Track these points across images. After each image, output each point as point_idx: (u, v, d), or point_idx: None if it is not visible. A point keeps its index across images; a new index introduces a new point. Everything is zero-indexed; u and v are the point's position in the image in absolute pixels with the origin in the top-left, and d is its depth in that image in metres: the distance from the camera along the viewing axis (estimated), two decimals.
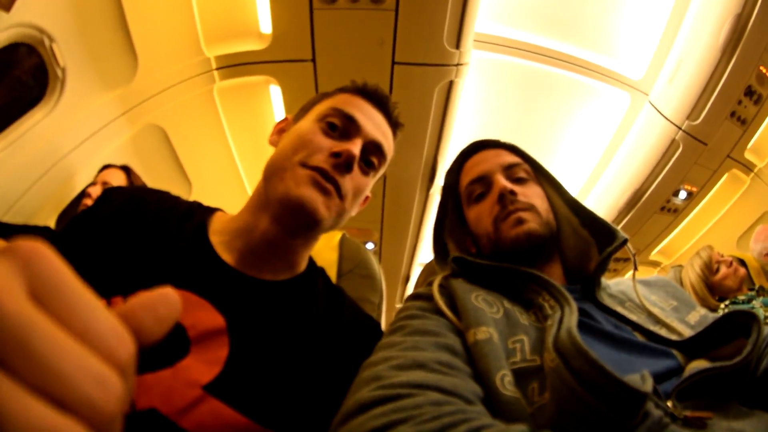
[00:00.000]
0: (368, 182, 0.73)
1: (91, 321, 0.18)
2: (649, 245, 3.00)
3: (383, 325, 0.82)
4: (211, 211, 0.72)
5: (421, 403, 0.43)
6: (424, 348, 0.54)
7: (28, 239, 0.18)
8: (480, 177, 0.79)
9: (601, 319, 0.63)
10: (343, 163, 0.65)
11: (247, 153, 2.41)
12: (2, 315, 0.15)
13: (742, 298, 1.80)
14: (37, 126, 1.49)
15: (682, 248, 3.03)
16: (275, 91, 2.10)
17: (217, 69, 1.97)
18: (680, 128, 2.20)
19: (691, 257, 2.02)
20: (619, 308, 0.66)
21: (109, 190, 0.68)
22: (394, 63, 1.87)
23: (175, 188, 1.87)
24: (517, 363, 0.54)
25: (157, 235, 0.62)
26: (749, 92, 2.04)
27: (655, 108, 2.26)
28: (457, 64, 1.88)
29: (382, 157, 0.73)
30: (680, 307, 0.70)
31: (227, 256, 0.64)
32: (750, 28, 1.82)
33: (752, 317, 0.54)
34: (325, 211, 0.63)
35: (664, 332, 0.61)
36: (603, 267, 0.69)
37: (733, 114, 2.12)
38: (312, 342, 0.63)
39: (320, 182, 0.63)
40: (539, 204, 0.75)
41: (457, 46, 1.81)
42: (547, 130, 2.58)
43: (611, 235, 0.70)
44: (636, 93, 2.35)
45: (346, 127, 0.69)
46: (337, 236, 1.07)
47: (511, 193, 0.73)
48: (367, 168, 0.71)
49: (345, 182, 0.66)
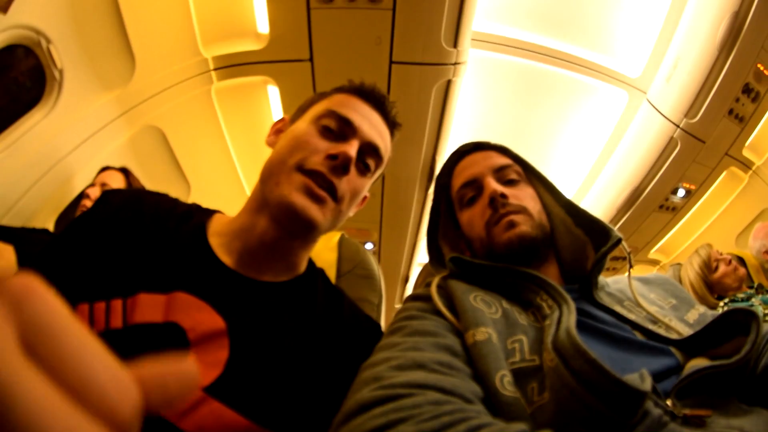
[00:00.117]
0: (366, 183, 0.73)
1: (90, 372, 0.16)
2: (647, 243, 3.00)
3: (382, 326, 0.82)
4: (209, 213, 0.72)
5: (421, 403, 0.43)
6: (424, 348, 0.54)
7: (20, 275, 0.16)
8: (471, 181, 0.79)
9: (600, 319, 0.63)
10: (339, 165, 0.65)
11: (245, 154, 2.40)
12: None
13: (741, 296, 1.80)
14: (35, 128, 1.49)
15: (681, 246, 3.03)
16: (273, 92, 2.10)
17: (215, 69, 1.97)
18: (678, 126, 2.20)
19: (690, 255, 2.02)
20: (618, 307, 0.66)
21: (108, 193, 0.67)
22: (391, 62, 1.87)
23: (174, 189, 1.87)
24: (516, 363, 0.54)
25: (156, 237, 0.62)
26: (747, 90, 2.04)
27: (653, 106, 2.26)
28: (455, 63, 1.88)
29: (379, 158, 0.73)
30: (679, 306, 0.70)
31: (226, 258, 0.64)
32: (747, 26, 1.83)
33: (751, 315, 0.54)
34: (320, 216, 0.64)
35: (662, 331, 0.61)
36: (599, 266, 0.69)
37: (731, 112, 2.12)
38: (312, 343, 0.63)
39: (313, 190, 0.63)
40: (531, 205, 0.75)
41: (455, 45, 1.81)
42: (545, 128, 2.58)
43: (606, 234, 0.70)
44: (634, 91, 2.35)
45: (342, 128, 0.69)
46: (336, 237, 1.07)
47: (502, 196, 0.73)
48: (365, 169, 0.71)
49: (341, 184, 0.66)
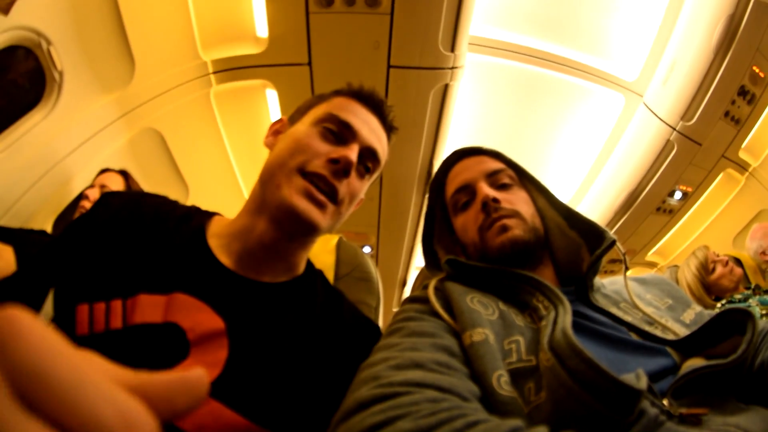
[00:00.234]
0: (363, 186, 0.74)
1: (93, 411, 0.15)
2: (645, 246, 3.01)
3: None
4: (209, 215, 0.72)
5: (419, 400, 0.43)
6: (422, 349, 0.54)
7: (2, 314, 0.15)
8: (464, 186, 0.79)
9: (596, 320, 0.63)
10: (341, 169, 0.66)
11: (244, 157, 2.41)
12: None
13: (738, 297, 1.80)
14: (35, 129, 1.49)
15: (678, 249, 3.04)
16: (272, 95, 2.11)
17: (214, 73, 1.98)
18: (675, 129, 2.21)
19: (687, 257, 2.03)
20: (614, 309, 0.66)
21: (107, 195, 0.68)
22: (389, 66, 1.88)
23: (172, 192, 1.87)
24: (513, 363, 0.54)
25: (156, 239, 0.62)
26: (743, 92, 2.06)
27: (650, 109, 2.27)
28: (452, 68, 1.89)
29: (377, 162, 0.75)
30: (675, 306, 0.70)
31: (225, 259, 0.65)
32: (742, 29, 1.84)
33: (747, 314, 0.54)
34: (321, 219, 0.65)
35: (658, 332, 0.62)
36: (594, 269, 0.69)
37: (727, 114, 2.14)
38: (311, 343, 0.63)
39: (314, 195, 0.64)
40: (524, 209, 0.75)
41: (452, 49, 1.82)
42: (542, 132, 2.59)
43: (600, 236, 0.70)
44: (630, 94, 2.36)
45: (342, 132, 0.70)
46: (334, 240, 1.07)
47: (494, 201, 0.73)
48: (364, 172, 0.73)
49: (342, 187, 0.67)
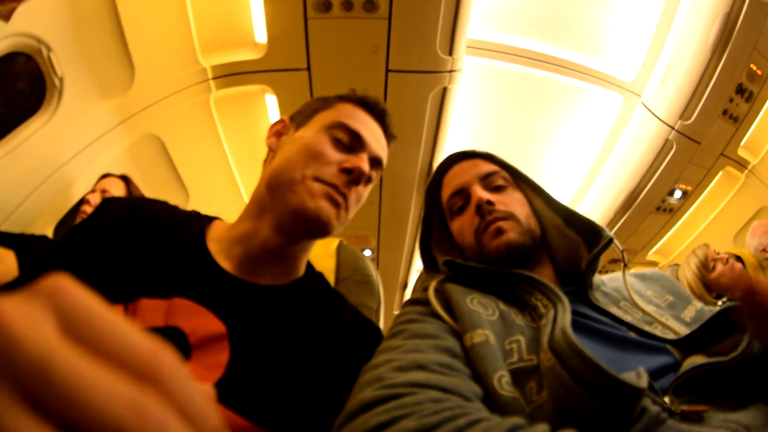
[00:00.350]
0: (366, 192, 0.76)
1: (128, 340, 0.18)
2: (645, 245, 3.00)
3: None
4: (209, 220, 0.73)
5: (422, 401, 0.44)
6: (425, 350, 0.55)
7: (52, 276, 0.18)
8: (458, 190, 0.80)
9: (596, 319, 0.63)
10: (354, 179, 0.69)
11: (244, 162, 2.41)
12: (23, 349, 0.15)
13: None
14: (35, 135, 1.50)
15: (678, 247, 3.04)
16: (271, 100, 2.11)
17: (214, 78, 1.98)
18: (673, 128, 2.21)
19: (688, 256, 2.03)
20: (613, 308, 0.66)
21: (108, 200, 0.68)
22: (388, 70, 1.88)
23: (173, 197, 1.87)
24: (514, 363, 0.55)
25: (156, 244, 0.62)
26: (740, 90, 2.06)
27: (648, 109, 2.28)
28: (450, 71, 1.90)
29: (380, 170, 0.77)
30: (676, 303, 0.70)
31: (226, 264, 0.65)
32: (739, 27, 1.85)
33: None
34: (336, 223, 0.68)
35: (658, 332, 0.61)
36: (593, 267, 0.69)
37: (725, 112, 2.14)
38: (312, 345, 0.64)
39: (334, 197, 0.67)
40: (519, 211, 0.75)
41: (450, 52, 1.83)
42: (541, 133, 2.59)
43: (597, 234, 0.70)
44: (628, 94, 2.37)
45: (352, 141, 0.72)
46: (335, 243, 1.07)
47: (488, 203, 0.73)
48: (367, 179, 0.75)
49: (351, 195, 0.70)
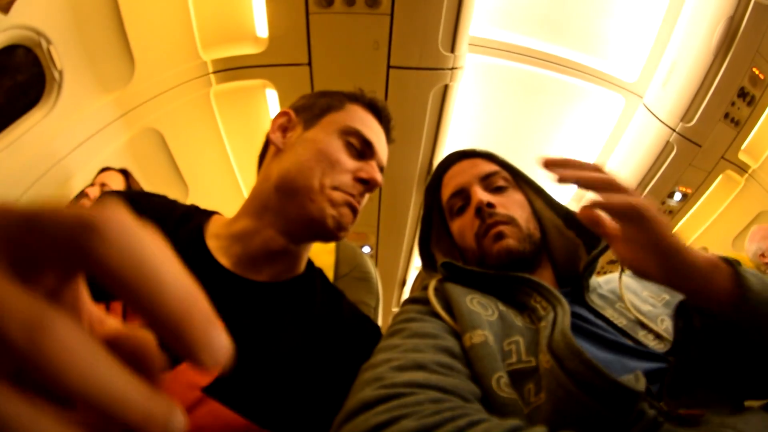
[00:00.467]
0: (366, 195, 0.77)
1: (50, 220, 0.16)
2: None
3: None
4: (208, 215, 0.72)
5: (422, 401, 0.44)
6: (424, 350, 0.55)
7: (100, 204, 0.16)
8: (458, 191, 0.79)
9: (592, 321, 0.63)
10: (369, 189, 0.72)
11: (244, 156, 2.40)
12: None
13: None
14: (35, 128, 1.49)
15: None
16: (271, 95, 2.10)
17: (214, 73, 1.98)
18: (674, 130, 2.21)
19: None
20: (609, 311, 0.66)
21: (107, 195, 0.68)
22: (389, 67, 1.88)
23: (172, 192, 1.87)
24: (513, 364, 0.55)
25: None
26: (742, 94, 2.05)
27: (650, 110, 2.27)
28: (452, 68, 1.89)
29: (381, 175, 0.78)
30: (672, 301, 0.69)
31: (225, 260, 0.65)
32: (742, 30, 1.84)
33: None
34: (351, 229, 0.71)
35: (650, 341, 0.61)
36: (590, 269, 0.69)
37: (726, 115, 2.13)
38: (310, 342, 0.63)
39: (353, 204, 0.70)
40: (519, 214, 0.74)
41: (452, 50, 1.82)
42: (542, 132, 2.59)
43: (597, 236, 0.70)
44: (630, 96, 2.36)
45: (363, 148, 0.73)
46: None
47: (489, 206, 0.73)
48: None
49: (362, 201, 0.73)
